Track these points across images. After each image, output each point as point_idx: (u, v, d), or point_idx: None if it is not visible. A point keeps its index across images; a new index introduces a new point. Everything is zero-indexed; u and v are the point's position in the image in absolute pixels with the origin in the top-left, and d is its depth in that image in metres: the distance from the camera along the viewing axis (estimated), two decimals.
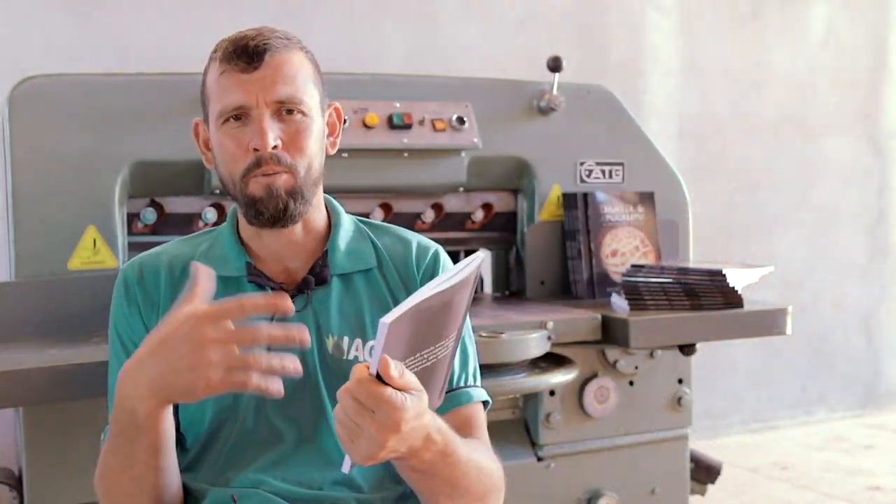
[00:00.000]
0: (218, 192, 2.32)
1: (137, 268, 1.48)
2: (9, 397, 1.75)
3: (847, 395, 5.00)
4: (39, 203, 2.14)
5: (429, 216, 2.64)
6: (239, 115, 1.39)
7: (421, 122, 2.48)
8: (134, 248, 2.28)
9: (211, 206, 2.38)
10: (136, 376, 1.18)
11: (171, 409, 1.25)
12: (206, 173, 2.30)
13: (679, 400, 2.62)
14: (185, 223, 2.35)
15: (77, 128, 2.19)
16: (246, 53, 1.38)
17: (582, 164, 2.73)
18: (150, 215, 2.33)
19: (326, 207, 1.55)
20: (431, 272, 1.51)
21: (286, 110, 1.40)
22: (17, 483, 2.08)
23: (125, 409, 1.20)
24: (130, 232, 2.31)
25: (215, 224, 2.29)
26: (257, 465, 1.40)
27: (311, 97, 1.43)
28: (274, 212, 1.40)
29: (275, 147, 1.38)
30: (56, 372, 1.77)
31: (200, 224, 2.37)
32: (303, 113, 1.41)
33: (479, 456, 1.34)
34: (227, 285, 1.44)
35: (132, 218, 2.32)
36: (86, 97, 2.22)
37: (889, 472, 3.98)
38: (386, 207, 2.57)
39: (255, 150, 1.38)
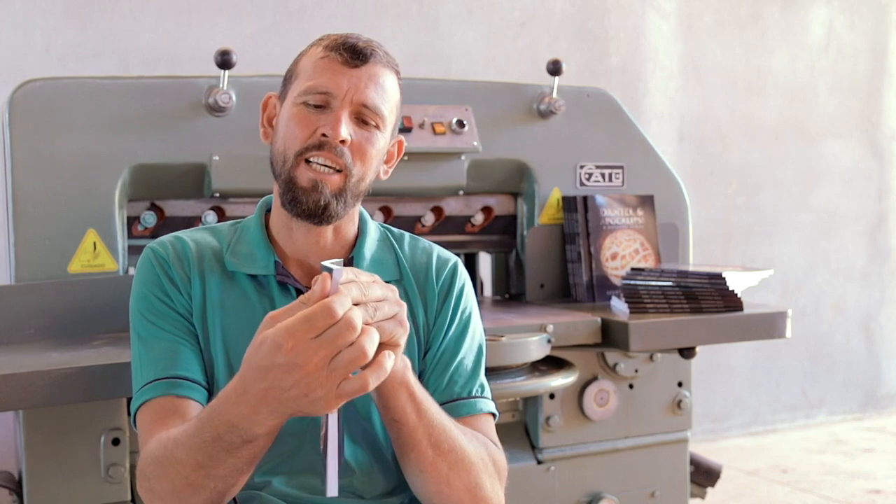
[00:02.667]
0: (218, 195, 2.33)
1: (170, 247, 1.47)
2: (9, 400, 1.75)
3: (847, 398, 5.00)
4: (40, 206, 2.14)
5: (429, 219, 2.64)
6: (319, 104, 1.41)
7: (421, 126, 2.48)
8: (134, 251, 2.28)
9: (211, 209, 2.38)
10: (248, 400, 1.10)
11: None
12: (206, 176, 2.30)
13: (679, 403, 2.62)
14: (185, 226, 2.35)
15: (77, 131, 2.19)
16: (353, 50, 1.41)
17: (582, 167, 2.74)
18: (150, 218, 2.33)
19: None
20: (449, 283, 1.53)
21: (364, 119, 1.42)
22: (17, 486, 2.08)
23: (233, 426, 1.12)
24: (130, 235, 2.31)
25: None
26: (265, 467, 1.40)
27: (388, 117, 1.46)
28: (313, 206, 1.41)
29: (342, 141, 1.39)
30: (56, 375, 1.76)
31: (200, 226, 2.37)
32: (377, 127, 1.44)
33: (463, 439, 1.35)
34: (254, 283, 1.46)
35: (132, 221, 2.32)
36: (86, 100, 2.22)
37: (889, 476, 3.98)
38: (386, 210, 2.57)
39: (324, 135, 1.39)
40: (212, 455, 1.16)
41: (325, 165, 1.40)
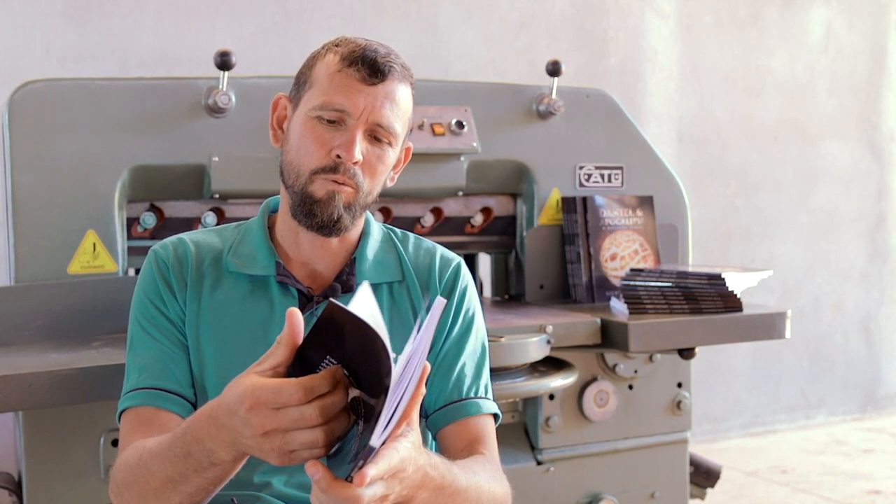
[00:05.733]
0: (217, 196, 2.33)
1: (171, 250, 1.48)
2: (9, 401, 1.75)
3: (846, 398, 5.00)
4: (39, 207, 2.14)
5: (428, 220, 2.64)
6: (334, 119, 1.40)
7: (420, 127, 2.48)
8: (133, 252, 2.28)
9: (210, 210, 2.38)
10: (216, 425, 1.11)
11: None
12: (206, 177, 2.30)
13: (678, 404, 2.62)
14: (185, 227, 2.35)
15: (77, 132, 2.19)
16: (372, 66, 1.39)
17: (581, 168, 2.74)
18: (149, 219, 2.33)
19: None
20: (452, 284, 1.53)
21: (377, 136, 1.42)
22: (16, 487, 2.08)
23: (203, 444, 1.14)
24: (130, 236, 2.31)
25: None
26: (263, 468, 1.41)
27: (401, 132, 1.46)
28: (327, 219, 1.42)
29: (356, 162, 1.40)
30: (56, 376, 1.77)
31: (200, 228, 2.36)
32: (389, 144, 1.44)
33: (479, 479, 1.32)
34: (254, 284, 1.46)
35: (132, 222, 2.32)
36: (85, 101, 2.22)
37: (888, 476, 3.98)
38: (385, 211, 2.58)
39: (338, 156, 1.39)
40: (181, 471, 1.17)
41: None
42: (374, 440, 1.00)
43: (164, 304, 1.44)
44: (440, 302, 1.08)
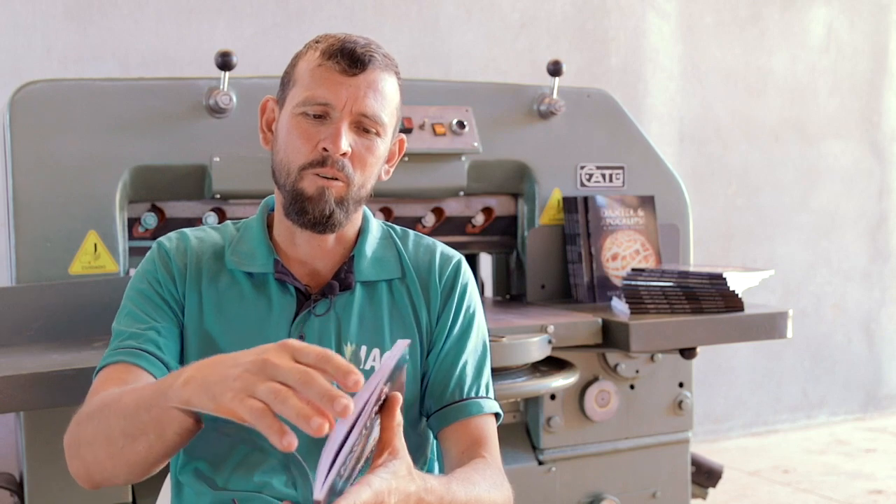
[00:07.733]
0: (218, 196, 2.33)
1: (175, 242, 1.49)
2: (10, 402, 1.75)
3: (848, 398, 5.00)
4: (40, 208, 2.14)
5: (429, 220, 2.64)
6: (319, 114, 1.40)
7: (421, 127, 2.48)
8: (134, 252, 2.28)
9: (212, 210, 2.38)
10: (210, 365, 1.07)
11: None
12: (207, 178, 2.30)
13: (680, 403, 2.62)
14: (186, 227, 2.34)
15: (78, 132, 2.19)
16: (351, 57, 1.39)
17: (582, 167, 2.74)
18: (150, 220, 2.33)
19: None
20: (452, 282, 1.53)
21: (364, 127, 1.42)
22: (18, 488, 2.08)
23: (163, 393, 1.11)
24: (131, 236, 2.31)
25: None
26: (264, 468, 1.41)
27: (389, 122, 1.45)
28: (319, 216, 1.41)
29: (343, 154, 1.39)
30: (57, 377, 1.77)
31: None
32: (378, 134, 1.43)
33: (478, 491, 1.32)
34: (253, 281, 1.47)
35: (133, 222, 2.32)
36: (86, 102, 2.22)
37: (890, 476, 3.98)
38: (386, 212, 2.57)
39: (325, 150, 1.39)
40: (135, 423, 1.16)
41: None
42: (317, 493, 0.97)
43: (160, 286, 1.44)
44: (402, 343, 1.07)
